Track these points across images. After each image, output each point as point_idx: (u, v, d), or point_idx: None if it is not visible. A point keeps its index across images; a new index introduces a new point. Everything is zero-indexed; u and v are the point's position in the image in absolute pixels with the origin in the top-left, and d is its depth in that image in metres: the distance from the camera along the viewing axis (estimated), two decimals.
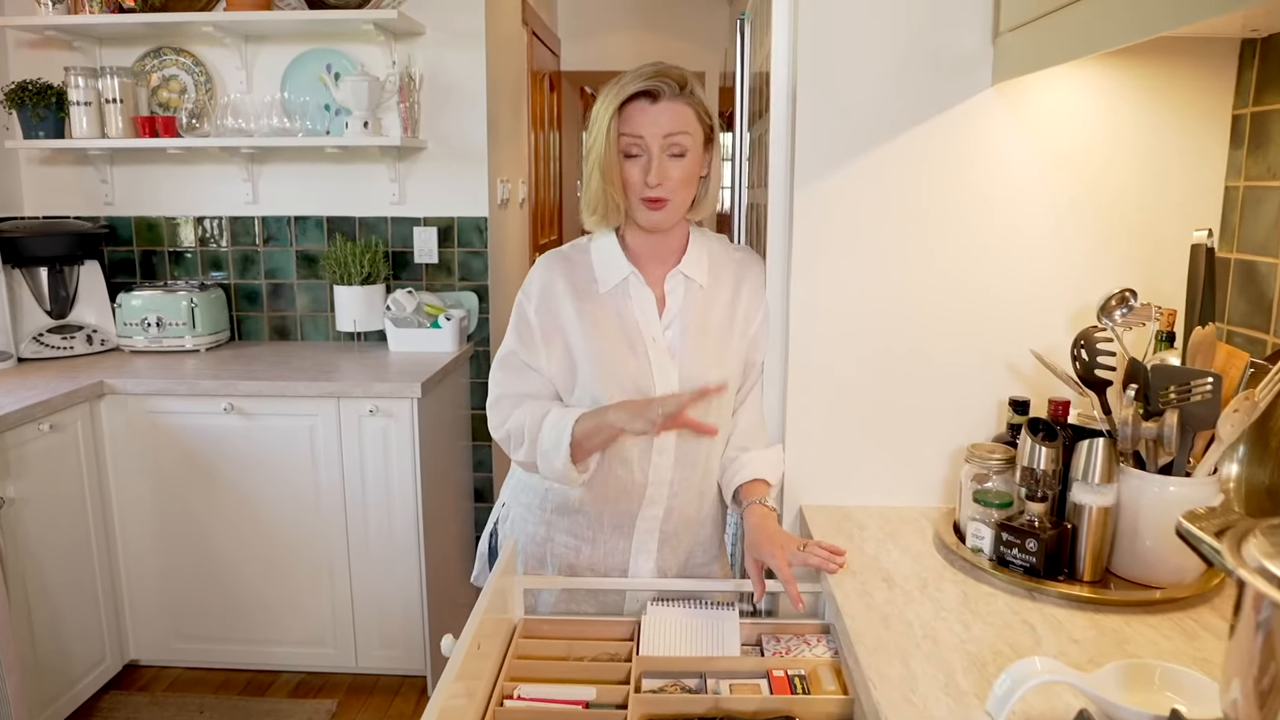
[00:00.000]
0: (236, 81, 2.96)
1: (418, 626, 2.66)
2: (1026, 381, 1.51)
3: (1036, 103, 1.43)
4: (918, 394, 1.52)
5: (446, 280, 3.10)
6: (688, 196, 1.43)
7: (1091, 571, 1.26)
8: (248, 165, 3.00)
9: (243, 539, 2.61)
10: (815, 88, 1.44)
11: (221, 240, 3.08)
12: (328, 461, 2.56)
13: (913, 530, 1.45)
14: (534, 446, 1.41)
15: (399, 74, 2.87)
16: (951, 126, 1.44)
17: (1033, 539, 1.23)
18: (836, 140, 1.45)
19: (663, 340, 1.44)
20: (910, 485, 1.56)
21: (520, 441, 1.43)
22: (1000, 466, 1.36)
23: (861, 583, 1.26)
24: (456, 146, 3.02)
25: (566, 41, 4.75)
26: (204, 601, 2.66)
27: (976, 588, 1.25)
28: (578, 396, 1.45)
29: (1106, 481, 1.23)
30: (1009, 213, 1.46)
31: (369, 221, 3.06)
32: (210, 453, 2.57)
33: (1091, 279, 1.48)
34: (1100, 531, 1.25)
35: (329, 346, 3.05)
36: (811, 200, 1.47)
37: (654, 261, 1.48)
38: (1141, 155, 1.45)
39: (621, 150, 1.38)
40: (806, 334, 1.51)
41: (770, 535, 1.35)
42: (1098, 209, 1.46)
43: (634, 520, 1.48)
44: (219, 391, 2.52)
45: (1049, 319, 1.49)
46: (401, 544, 2.60)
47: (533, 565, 1.54)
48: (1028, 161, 1.45)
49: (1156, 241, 1.46)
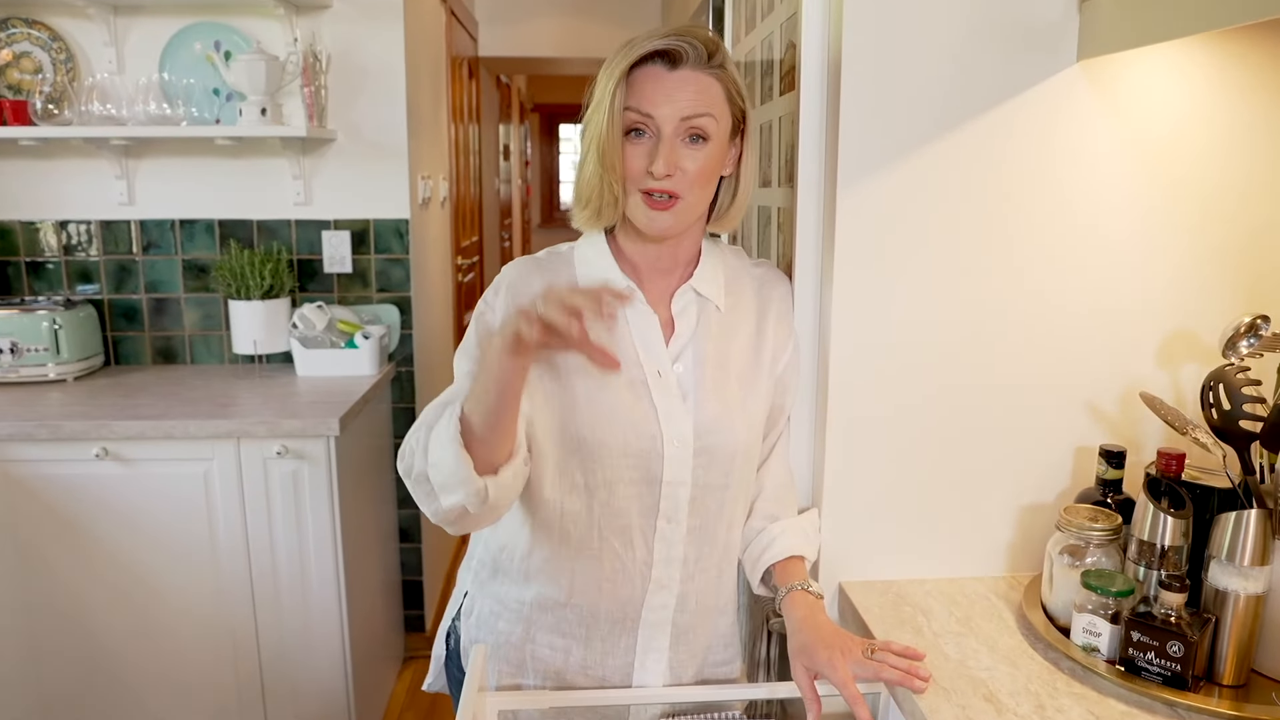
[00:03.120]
0: (104, 60, 2.48)
1: (341, 703, 2.27)
2: (1108, 426, 1.25)
3: (1128, 84, 1.16)
4: (980, 442, 1.24)
5: (362, 292, 2.69)
6: (704, 197, 1.09)
7: (1235, 674, 1.00)
8: (121, 160, 2.53)
9: (125, 612, 2.16)
10: (865, 67, 1.14)
11: (91, 248, 2.60)
12: (227, 514, 2.14)
13: (987, 614, 1.17)
14: (425, 455, 1.03)
15: (302, 53, 2.45)
16: (1029, 111, 1.16)
17: (1177, 642, 0.96)
18: (891, 130, 1.15)
19: (670, 375, 1.12)
20: (969, 552, 1.28)
21: (412, 454, 1.05)
22: (1103, 538, 1.09)
23: (961, 708, 0.97)
24: (371, 138, 2.61)
25: (485, 25, 4.36)
26: (78, 690, 2.19)
27: (1106, 705, 0.97)
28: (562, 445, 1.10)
29: (1260, 564, 0.97)
30: (1095, 217, 1.19)
31: (269, 225, 2.63)
32: (81, 509, 2.11)
33: (1187, 300, 1.22)
34: (1249, 625, 0.99)
35: (224, 371, 2.61)
36: (859, 204, 1.17)
37: (656, 274, 1.15)
38: (1238, 152, 1.20)
39: (625, 128, 1.05)
40: (849, 372, 1.21)
41: (825, 637, 1.04)
42: (1191, 212, 1.20)
43: (639, 611, 1.15)
44: (90, 434, 2.07)
45: (1136, 350, 1.23)
46: (319, 608, 2.20)
47: (508, 673, 1.19)
48: (1115, 157, 1.18)
49: (1261, 254, 1.22)
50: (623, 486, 1.09)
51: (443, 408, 1.06)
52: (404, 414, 2.78)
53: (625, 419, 1.08)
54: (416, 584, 2.92)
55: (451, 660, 1.28)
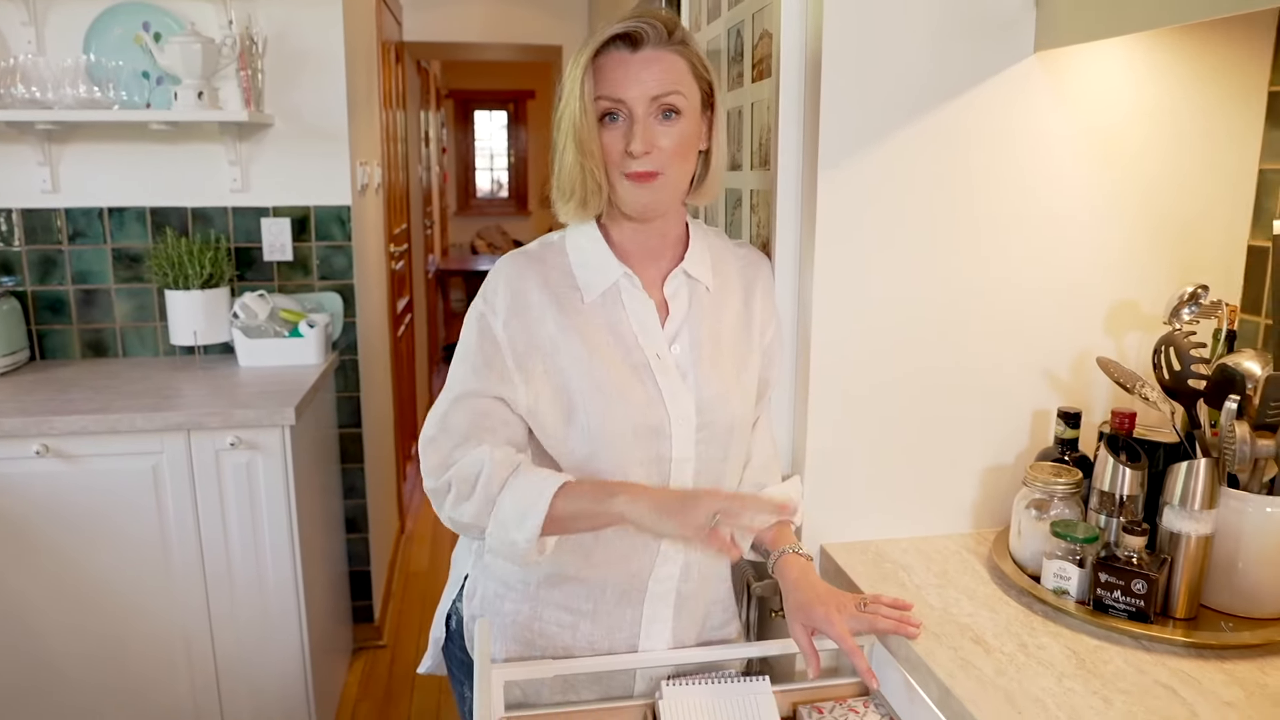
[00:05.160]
0: (22, 41, 2.37)
1: (300, 692, 2.25)
2: (1062, 390, 1.35)
3: (1079, 75, 1.26)
4: (947, 410, 1.33)
5: (304, 280, 2.65)
6: (683, 172, 1.13)
7: (1186, 608, 1.11)
8: (44, 145, 2.42)
9: (74, 613, 2.09)
10: (845, 56, 1.20)
11: (12, 238, 2.48)
12: (179, 510, 2.09)
13: (962, 567, 1.26)
14: (488, 508, 1.10)
15: (238, 36, 2.39)
16: (991, 98, 1.24)
17: (1140, 579, 1.06)
18: (874, 113, 1.22)
19: (669, 357, 1.16)
20: (938, 512, 1.37)
21: (466, 496, 1.11)
22: (1067, 492, 1.19)
23: (954, 650, 1.05)
24: (310, 123, 2.57)
25: (410, 10, 4.30)
26: (28, 695, 2.11)
27: (1079, 641, 1.06)
28: (569, 440, 1.14)
29: (1208, 507, 1.08)
30: (1050, 199, 1.29)
31: (205, 213, 2.55)
32: (20, 509, 2.03)
33: (1130, 274, 1.34)
34: (1199, 563, 1.10)
35: (162, 364, 2.53)
36: (839, 185, 1.23)
37: (648, 259, 1.19)
38: (1177, 138, 1.31)
39: (598, 115, 1.09)
40: (831, 347, 1.28)
41: (819, 594, 1.11)
42: (1138, 197, 1.31)
43: (645, 584, 1.20)
44: (28, 431, 1.99)
45: (1086, 321, 1.34)
46: (276, 599, 2.18)
47: (515, 652, 1.22)
48: (1068, 142, 1.28)
49: (1195, 230, 1.34)
50: (634, 468, 1.13)
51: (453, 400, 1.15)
52: (348, 403, 2.75)
53: (632, 403, 1.12)
54: (364, 574, 2.90)
55: (452, 641, 1.30)
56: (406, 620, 3.12)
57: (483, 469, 1.10)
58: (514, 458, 1.12)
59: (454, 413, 1.15)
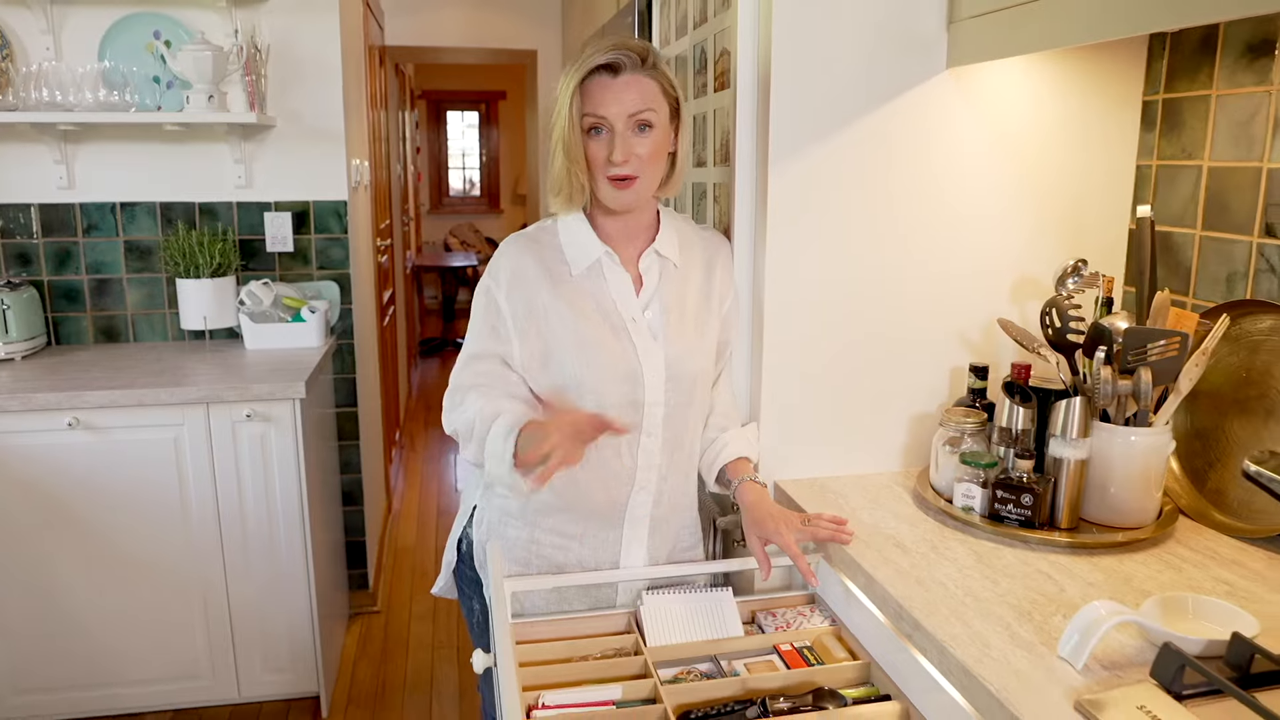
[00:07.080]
0: (40, 48, 2.56)
1: (308, 645, 2.46)
2: (974, 350, 1.61)
3: (985, 87, 1.52)
4: (880, 366, 1.58)
5: (303, 270, 2.86)
6: (656, 174, 1.39)
7: (1069, 519, 1.37)
8: (60, 145, 2.61)
9: (98, 573, 2.30)
10: (789, 71, 1.45)
11: (30, 232, 2.66)
12: (198, 476, 2.30)
13: (890, 495, 1.52)
14: (481, 449, 1.33)
15: (244, 44, 2.60)
16: (911, 107, 1.50)
17: (1028, 494, 1.32)
18: (815, 119, 1.47)
19: (643, 320, 1.41)
20: (873, 453, 1.62)
21: (468, 439, 1.36)
22: (974, 429, 1.45)
23: (878, 551, 1.30)
24: (310, 124, 2.78)
25: (390, 16, 4.50)
26: (51, 650, 2.31)
27: (980, 544, 1.32)
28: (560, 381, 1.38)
29: (1083, 436, 1.34)
30: (961, 193, 1.54)
31: (211, 207, 2.75)
32: (52, 477, 2.23)
33: (1030, 254, 1.60)
34: (1077, 482, 1.36)
35: (171, 348, 2.73)
36: (786, 180, 1.48)
37: (626, 241, 1.44)
38: (1067, 139, 1.58)
39: (585, 129, 1.34)
40: (782, 314, 1.53)
41: (771, 512, 1.36)
42: (1035, 189, 1.58)
43: (623, 509, 1.44)
44: (60, 405, 2.19)
45: (994, 292, 1.60)
46: (287, 560, 2.39)
47: (515, 570, 1.46)
48: (976, 143, 1.53)
49: (1083, 217, 1.60)
50: (613, 411, 1.37)
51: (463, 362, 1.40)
52: (345, 384, 2.96)
53: (613, 356, 1.37)
54: (360, 544, 3.11)
55: (464, 563, 1.53)
56: (398, 589, 3.34)
57: (477, 416, 1.34)
58: (499, 406, 1.33)
59: (462, 371, 1.41)
